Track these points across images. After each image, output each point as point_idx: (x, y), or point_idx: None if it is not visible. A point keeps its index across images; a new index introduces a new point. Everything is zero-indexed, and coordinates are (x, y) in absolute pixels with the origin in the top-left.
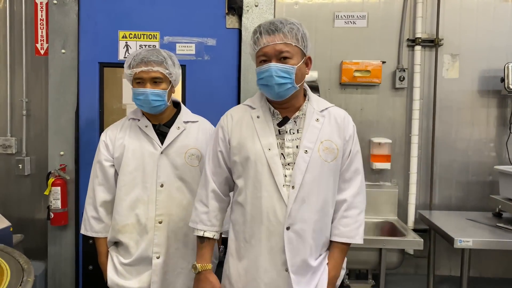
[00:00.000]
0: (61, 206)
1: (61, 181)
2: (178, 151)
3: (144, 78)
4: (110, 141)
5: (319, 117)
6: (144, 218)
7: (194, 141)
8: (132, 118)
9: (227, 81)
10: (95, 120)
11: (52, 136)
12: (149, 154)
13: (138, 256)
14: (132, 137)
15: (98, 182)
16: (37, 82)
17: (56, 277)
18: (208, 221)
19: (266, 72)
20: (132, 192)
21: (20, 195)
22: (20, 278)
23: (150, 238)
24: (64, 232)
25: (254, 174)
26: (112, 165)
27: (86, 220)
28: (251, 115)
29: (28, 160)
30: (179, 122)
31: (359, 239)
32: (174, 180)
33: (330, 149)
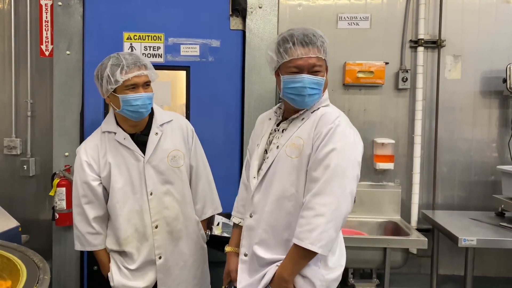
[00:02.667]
0: (66, 206)
1: (66, 182)
2: (160, 157)
3: (137, 83)
4: (94, 161)
5: (305, 116)
6: (142, 226)
7: (173, 143)
8: (107, 131)
9: (231, 82)
10: (100, 121)
11: (57, 137)
12: (133, 167)
13: (142, 261)
14: (114, 153)
15: (87, 201)
16: (42, 83)
17: (61, 277)
18: (236, 207)
19: (299, 83)
20: (125, 206)
21: (25, 196)
22: (36, 277)
23: (151, 244)
24: (69, 233)
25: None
26: (100, 183)
27: (80, 237)
28: (270, 116)
29: (33, 161)
30: (155, 127)
31: (308, 243)
32: (160, 185)
33: (296, 145)
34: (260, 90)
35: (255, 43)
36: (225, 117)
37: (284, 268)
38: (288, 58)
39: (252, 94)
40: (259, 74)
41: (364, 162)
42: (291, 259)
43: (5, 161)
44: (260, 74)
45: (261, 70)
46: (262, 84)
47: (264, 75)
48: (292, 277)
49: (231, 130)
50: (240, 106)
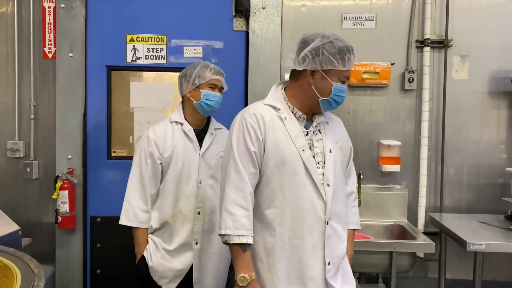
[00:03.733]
0: (69, 209)
1: (69, 185)
2: (211, 154)
3: (216, 85)
4: (160, 141)
5: (328, 120)
6: (186, 210)
7: (223, 145)
8: (175, 122)
9: (234, 83)
10: (103, 123)
11: (60, 140)
12: (191, 156)
13: (181, 243)
14: (179, 139)
15: (148, 176)
16: (45, 86)
17: (64, 281)
18: (249, 225)
19: (344, 93)
20: (177, 187)
21: (28, 198)
22: (31, 283)
23: (191, 227)
24: (72, 236)
25: (292, 176)
26: (161, 163)
27: (130, 211)
28: (280, 116)
29: (36, 163)
30: (212, 129)
31: (359, 226)
32: (208, 178)
33: (342, 148)
34: (263, 92)
35: (258, 44)
36: (228, 119)
37: (352, 250)
38: (347, 68)
39: (255, 95)
40: (262, 76)
41: (370, 164)
42: (353, 240)
43: (8, 163)
44: (264, 76)
45: (265, 71)
46: (265, 85)
47: (268, 76)
48: None
49: None
50: (244, 107)
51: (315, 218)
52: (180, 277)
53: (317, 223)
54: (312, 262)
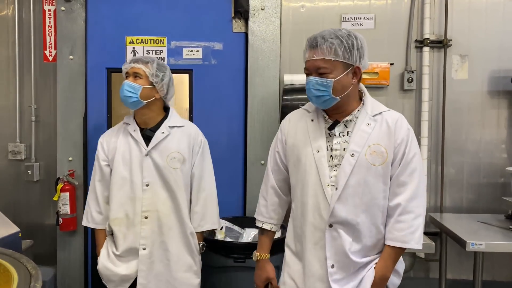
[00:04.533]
0: (70, 211)
1: (70, 187)
2: (161, 154)
3: (129, 73)
4: (106, 143)
5: (371, 122)
6: (132, 213)
7: (177, 145)
8: (125, 123)
9: (233, 84)
10: (103, 125)
11: (61, 142)
12: (135, 156)
13: (127, 247)
14: (122, 140)
15: (97, 178)
16: (45, 88)
17: (65, 282)
18: (266, 213)
19: (307, 84)
20: (121, 190)
21: (29, 200)
22: (27, 284)
23: (137, 232)
24: (73, 238)
25: (303, 174)
26: (107, 165)
27: (88, 213)
28: (306, 118)
29: (37, 166)
30: (164, 127)
31: (414, 244)
32: (158, 180)
33: (378, 152)
34: (263, 93)
35: (257, 46)
36: (228, 120)
37: (387, 268)
38: (304, 60)
39: (255, 97)
40: (262, 76)
41: None
42: (391, 259)
43: (10, 166)
44: (263, 76)
45: (264, 72)
46: (265, 86)
47: (267, 77)
48: (391, 274)
49: (234, 132)
50: (243, 108)
51: (318, 217)
52: (127, 283)
53: (319, 223)
54: (311, 259)
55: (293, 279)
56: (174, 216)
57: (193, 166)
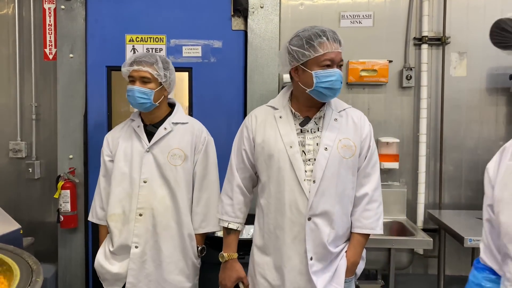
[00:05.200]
0: (71, 209)
1: (71, 184)
2: (162, 150)
3: (134, 77)
4: (111, 139)
5: (338, 117)
6: (128, 210)
7: (179, 142)
8: (130, 119)
9: (233, 82)
10: (103, 123)
11: (61, 140)
12: (137, 152)
13: (120, 244)
14: (126, 136)
15: (102, 174)
16: (46, 86)
17: (66, 279)
18: (232, 212)
19: (333, 76)
20: (120, 185)
21: (30, 198)
22: (29, 279)
23: (131, 229)
24: (74, 235)
25: (277, 170)
26: (111, 160)
27: (93, 208)
28: (274, 115)
29: (38, 163)
30: (168, 123)
31: (379, 230)
32: (157, 177)
33: (348, 146)
34: (262, 90)
35: (257, 43)
36: (227, 118)
37: (357, 255)
38: (322, 52)
39: (254, 94)
40: (261, 74)
41: None
42: (361, 245)
43: (11, 164)
44: (263, 74)
45: (263, 70)
46: (264, 84)
47: (267, 75)
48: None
49: (234, 131)
50: (243, 106)
51: (296, 212)
52: (120, 282)
53: (298, 217)
54: (290, 254)
55: (264, 277)
56: (171, 216)
57: (195, 164)
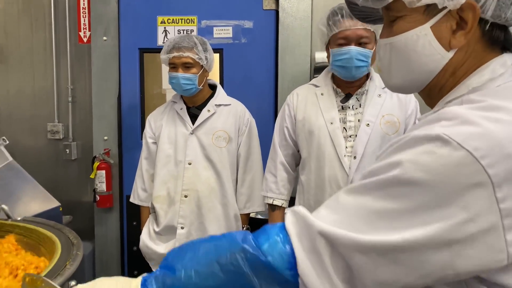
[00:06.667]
0: (106, 189)
1: (106, 165)
2: (206, 133)
3: (176, 63)
4: (153, 121)
5: (381, 93)
6: (173, 192)
7: (223, 123)
8: (172, 101)
9: (264, 63)
10: (137, 105)
11: (96, 122)
12: (181, 134)
13: (166, 225)
14: (169, 118)
15: (144, 156)
16: (81, 69)
17: (103, 257)
18: (276, 189)
19: (347, 54)
20: (165, 167)
21: (68, 178)
22: (70, 252)
23: (176, 210)
24: (110, 214)
25: (317, 146)
26: (154, 142)
27: (135, 189)
28: (316, 92)
29: (75, 145)
30: (211, 105)
31: None
32: (201, 159)
33: (391, 122)
34: (294, 71)
35: (288, 23)
36: (258, 100)
37: None
38: (336, 30)
39: (286, 75)
40: (292, 55)
41: None
42: None
43: (50, 145)
44: (294, 55)
45: (295, 50)
46: (296, 65)
47: (298, 55)
48: None
49: (265, 112)
50: (274, 88)
51: (336, 188)
52: None
53: None
54: None
55: None
56: (216, 197)
57: (239, 146)
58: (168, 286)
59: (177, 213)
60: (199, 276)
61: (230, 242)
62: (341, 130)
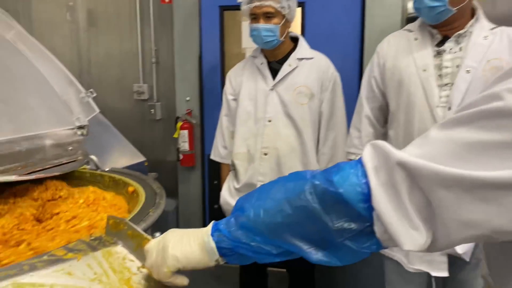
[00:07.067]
0: (189, 148)
1: (188, 125)
2: (287, 88)
3: (257, 13)
4: (233, 77)
5: (489, 34)
6: (253, 149)
7: (305, 78)
8: (252, 56)
9: (349, 17)
10: (217, 64)
11: (179, 83)
12: (261, 90)
13: (246, 182)
14: (249, 74)
15: (224, 113)
16: (164, 30)
17: (186, 214)
18: (360, 145)
19: None
20: (245, 125)
21: (153, 138)
22: (153, 201)
23: (256, 167)
24: (192, 173)
25: (407, 97)
26: (234, 99)
27: (215, 147)
28: (408, 37)
29: (159, 105)
30: (292, 59)
31: None
32: (282, 116)
33: (498, 68)
34: (382, 24)
35: None
36: (342, 56)
37: None
38: None
39: (373, 29)
40: (381, 5)
41: None
42: None
43: (136, 105)
44: (383, 5)
45: (384, 0)
46: (385, 17)
47: (388, 5)
48: None
49: (349, 70)
50: (360, 42)
51: None
52: None
53: None
54: None
55: None
56: (297, 156)
57: (322, 103)
58: (238, 226)
59: (257, 171)
60: (267, 213)
61: (299, 179)
62: (435, 78)
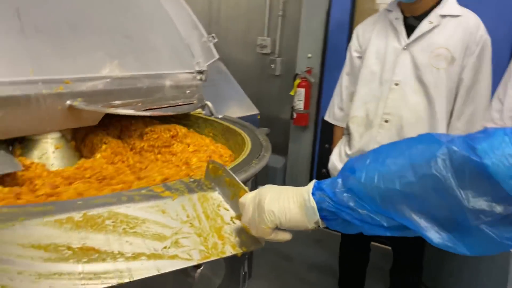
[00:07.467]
0: (304, 107)
1: (306, 83)
2: (423, 49)
3: None
4: (362, 32)
5: None
6: (373, 114)
7: (447, 39)
8: (387, 10)
9: None
10: (345, 22)
11: (303, 38)
12: (391, 49)
13: (359, 149)
14: (380, 30)
15: (346, 71)
16: None
17: (293, 172)
18: (499, 120)
19: None
20: (368, 86)
21: (270, 93)
22: (258, 152)
23: (373, 135)
24: (304, 133)
25: None
26: (359, 57)
27: (331, 107)
28: None
29: (280, 60)
30: (434, 16)
31: None
32: (412, 80)
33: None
34: None
35: None
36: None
37: None
38: None
39: None
40: None
41: None
42: None
43: (258, 59)
44: None
45: None
46: None
47: None
48: None
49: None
50: None
51: None
52: None
53: None
54: None
55: None
56: (424, 128)
57: (464, 69)
58: (345, 188)
59: (373, 138)
60: (384, 178)
61: (431, 141)
62: None
